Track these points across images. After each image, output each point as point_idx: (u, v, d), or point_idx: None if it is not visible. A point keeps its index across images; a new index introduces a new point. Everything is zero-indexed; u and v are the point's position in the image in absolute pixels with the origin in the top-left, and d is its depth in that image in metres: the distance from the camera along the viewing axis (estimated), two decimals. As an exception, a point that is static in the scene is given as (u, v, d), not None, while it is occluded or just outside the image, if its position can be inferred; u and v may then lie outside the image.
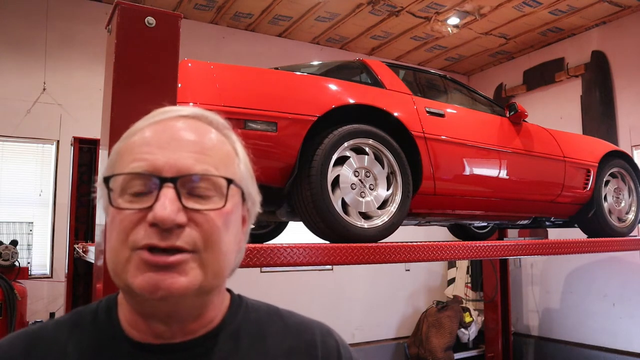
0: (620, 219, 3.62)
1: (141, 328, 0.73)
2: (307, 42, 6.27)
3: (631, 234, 3.70)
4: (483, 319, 5.87)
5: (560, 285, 6.01)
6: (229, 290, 0.84)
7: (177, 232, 0.67)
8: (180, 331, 0.73)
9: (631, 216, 3.68)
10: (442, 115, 2.74)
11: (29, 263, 4.33)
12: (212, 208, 0.70)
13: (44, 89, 4.78)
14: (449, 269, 6.79)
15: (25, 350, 0.74)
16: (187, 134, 0.72)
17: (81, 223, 3.60)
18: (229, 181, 0.72)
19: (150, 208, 0.67)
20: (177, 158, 0.69)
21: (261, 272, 5.55)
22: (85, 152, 3.67)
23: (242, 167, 0.77)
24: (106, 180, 0.71)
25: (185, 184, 0.69)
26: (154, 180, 0.68)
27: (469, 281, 6.48)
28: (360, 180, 2.32)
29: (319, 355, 0.81)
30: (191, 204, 0.69)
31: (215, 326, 0.77)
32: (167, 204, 0.66)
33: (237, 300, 0.83)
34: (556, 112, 6.13)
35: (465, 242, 2.59)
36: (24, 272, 4.08)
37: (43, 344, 0.75)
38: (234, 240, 0.74)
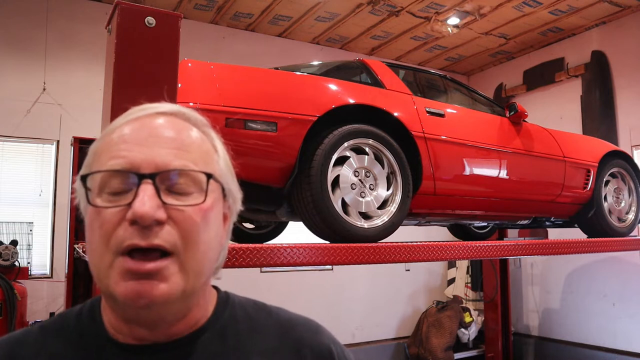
0: (620, 219, 3.62)
1: (124, 332, 0.72)
2: (307, 42, 6.27)
3: (631, 234, 3.70)
4: (483, 319, 5.87)
5: (560, 285, 6.01)
6: (215, 288, 0.83)
7: (157, 229, 0.66)
8: (165, 334, 0.72)
9: (631, 216, 3.68)
10: (442, 115, 2.74)
11: (29, 263, 4.33)
12: (191, 204, 0.69)
13: (44, 89, 4.78)
14: (449, 269, 6.79)
15: (8, 355, 0.74)
16: (165, 131, 0.72)
17: (81, 223, 3.59)
18: (209, 176, 0.71)
19: (129, 205, 0.66)
20: (155, 154, 0.69)
21: (261, 272, 5.55)
22: (85, 152, 3.66)
23: (221, 163, 0.76)
24: (83, 178, 0.70)
25: (164, 180, 0.68)
26: (132, 178, 0.67)
27: (469, 281, 6.48)
28: (360, 180, 2.32)
29: (308, 353, 0.80)
30: (170, 200, 0.68)
31: (201, 325, 0.76)
32: (145, 200, 0.65)
33: (223, 298, 0.82)
34: (556, 112, 6.13)
35: (465, 242, 2.59)
36: (24, 272, 4.07)
37: (26, 349, 0.74)
38: (215, 237, 0.74)
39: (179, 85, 1.82)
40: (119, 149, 0.69)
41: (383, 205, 2.38)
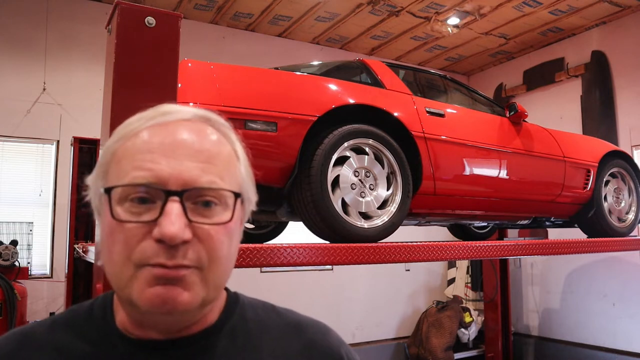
0: (620, 219, 3.62)
1: (136, 332, 0.73)
2: (307, 42, 6.27)
3: (631, 234, 3.70)
4: (483, 319, 5.87)
5: (560, 285, 6.01)
6: (225, 289, 0.83)
7: (183, 249, 0.66)
8: (176, 335, 0.73)
9: (631, 216, 3.68)
10: (442, 115, 2.74)
11: (29, 263, 4.32)
12: (217, 222, 0.69)
13: (44, 89, 4.78)
14: (449, 269, 6.79)
15: (18, 347, 0.74)
16: (191, 140, 0.70)
17: (81, 223, 3.59)
18: (237, 195, 0.71)
19: (155, 222, 0.66)
20: (183, 169, 0.68)
21: (261, 272, 5.55)
22: (85, 152, 3.67)
23: (242, 170, 0.76)
24: (107, 191, 0.69)
25: (190, 196, 0.68)
26: (159, 192, 0.67)
27: (469, 281, 6.48)
28: (360, 180, 2.32)
29: (317, 355, 0.80)
30: (197, 217, 0.68)
31: (211, 324, 0.77)
32: (174, 220, 0.65)
33: (233, 299, 0.83)
34: (556, 112, 6.13)
35: (465, 242, 2.59)
36: (24, 272, 4.07)
37: (37, 342, 0.75)
38: (235, 248, 0.74)
39: (179, 85, 1.82)
40: (144, 159, 0.68)
41: (383, 205, 2.38)
